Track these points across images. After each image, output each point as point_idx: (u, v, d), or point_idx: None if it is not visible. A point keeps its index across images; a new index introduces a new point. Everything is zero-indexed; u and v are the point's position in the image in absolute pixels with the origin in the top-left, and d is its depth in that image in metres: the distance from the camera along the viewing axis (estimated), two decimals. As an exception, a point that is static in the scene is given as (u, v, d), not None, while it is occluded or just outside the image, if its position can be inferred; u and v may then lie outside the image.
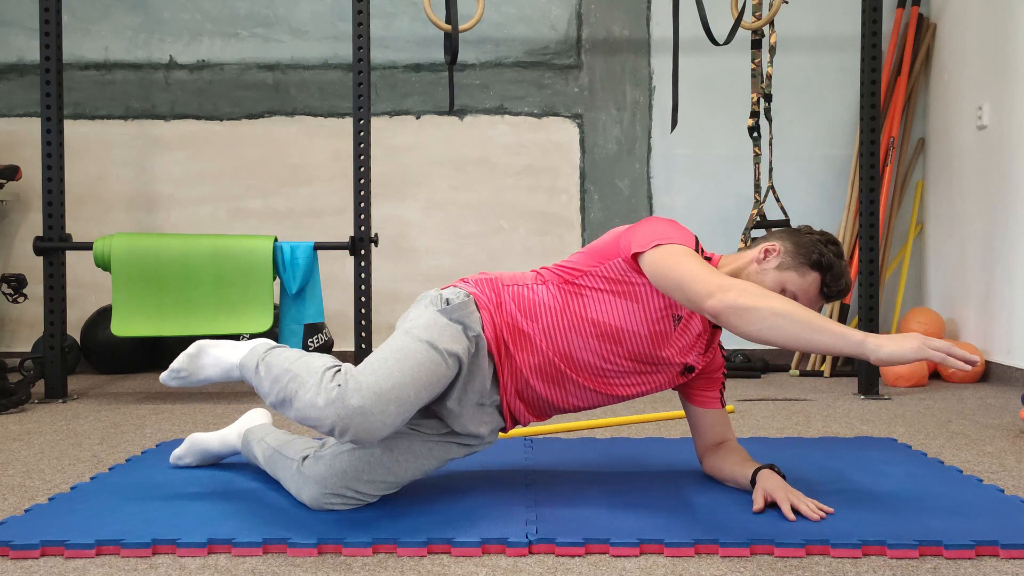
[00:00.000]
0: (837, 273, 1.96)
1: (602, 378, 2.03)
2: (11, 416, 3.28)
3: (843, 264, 1.98)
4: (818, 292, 1.98)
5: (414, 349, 1.85)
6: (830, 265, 1.96)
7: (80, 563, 1.68)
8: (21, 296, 4.49)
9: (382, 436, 1.80)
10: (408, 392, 1.79)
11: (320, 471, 1.92)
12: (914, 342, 1.65)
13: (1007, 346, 4.03)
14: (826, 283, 1.97)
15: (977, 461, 2.51)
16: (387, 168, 4.75)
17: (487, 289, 2.02)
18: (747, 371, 4.40)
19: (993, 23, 4.14)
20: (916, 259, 4.84)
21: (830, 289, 1.97)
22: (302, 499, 1.95)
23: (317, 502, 1.93)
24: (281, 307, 3.70)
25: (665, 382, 2.10)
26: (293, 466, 1.99)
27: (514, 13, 4.79)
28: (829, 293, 1.98)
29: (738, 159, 4.68)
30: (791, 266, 1.97)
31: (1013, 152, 3.97)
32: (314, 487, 1.92)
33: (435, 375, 1.84)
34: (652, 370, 2.06)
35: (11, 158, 4.74)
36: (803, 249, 1.98)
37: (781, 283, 1.96)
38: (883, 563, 1.67)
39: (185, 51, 4.80)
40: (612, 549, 1.72)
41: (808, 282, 1.96)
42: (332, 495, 1.92)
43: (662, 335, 2.00)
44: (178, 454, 2.34)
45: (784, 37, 4.45)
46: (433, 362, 1.84)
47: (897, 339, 1.66)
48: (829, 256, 1.96)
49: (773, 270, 1.97)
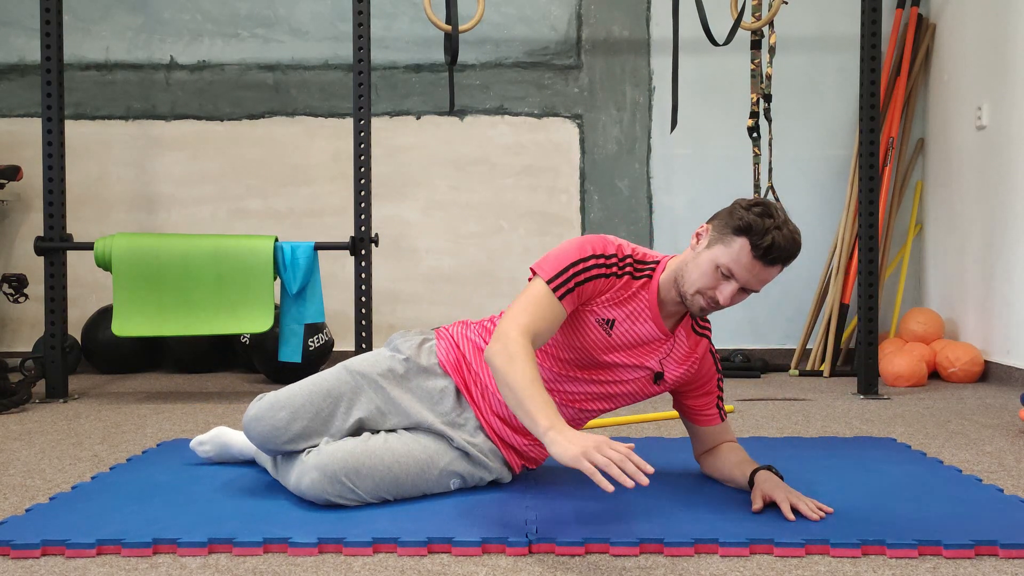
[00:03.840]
0: (760, 231, 1.84)
1: (564, 393, 2.07)
2: (12, 416, 3.28)
3: (769, 222, 1.85)
4: (751, 258, 1.86)
5: (327, 372, 2.11)
6: (749, 226, 1.86)
7: (81, 563, 1.68)
8: (22, 296, 4.49)
9: (282, 438, 2.01)
10: (301, 401, 2.03)
11: (322, 459, 1.95)
12: (577, 451, 1.64)
13: (1006, 346, 4.03)
14: (754, 245, 1.85)
15: (976, 461, 2.51)
16: (387, 168, 4.76)
17: (453, 326, 2.19)
18: (747, 371, 4.40)
19: (993, 23, 4.15)
20: (915, 259, 4.84)
21: (759, 250, 1.85)
22: (302, 488, 1.96)
23: (315, 488, 1.94)
24: (281, 307, 3.71)
25: (637, 391, 2.10)
26: (298, 460, 2.02)
27: (514, 14, 4.79)
28: (761, 255, 1.86)
29: (738, 159, 4.68)
30: (717, 240, 1.91)
31: (1012, 152, 3.97)
32: (315, 472, 1.94)
33: (337, 387, 2.06)
34: (611, 379, 2.07)
35: (12, 158, 4.74)
36: (725, 220, 1.91)
37: (713, 260, 1.90)
38: (883, 563, 1.67)
39: (186, 51, 4.80)
40: (612, 549, 1.72)
41: (736, 250, 1.87)
42: (331, 482, 1.93)
43: (595, 343, 2.02)
44: (201, 439, 2.36)
45: (784, 37, 4.45)
46: (338, 378, 2.08)
47: (572, 441, 1.66)
48: (749, 218, 1.86)
49: (704, 251, 1.93)
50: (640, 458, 1.65)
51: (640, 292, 2.01)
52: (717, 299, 1.92)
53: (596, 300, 2.00)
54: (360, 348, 3.64)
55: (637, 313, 2.01)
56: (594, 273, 1.97)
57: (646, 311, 2.02)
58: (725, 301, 1.92)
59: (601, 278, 1.98)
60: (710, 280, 1.92)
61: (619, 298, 2.01)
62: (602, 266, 1.98)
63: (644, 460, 1.66)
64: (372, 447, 1.98)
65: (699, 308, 1.97)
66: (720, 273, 1.91)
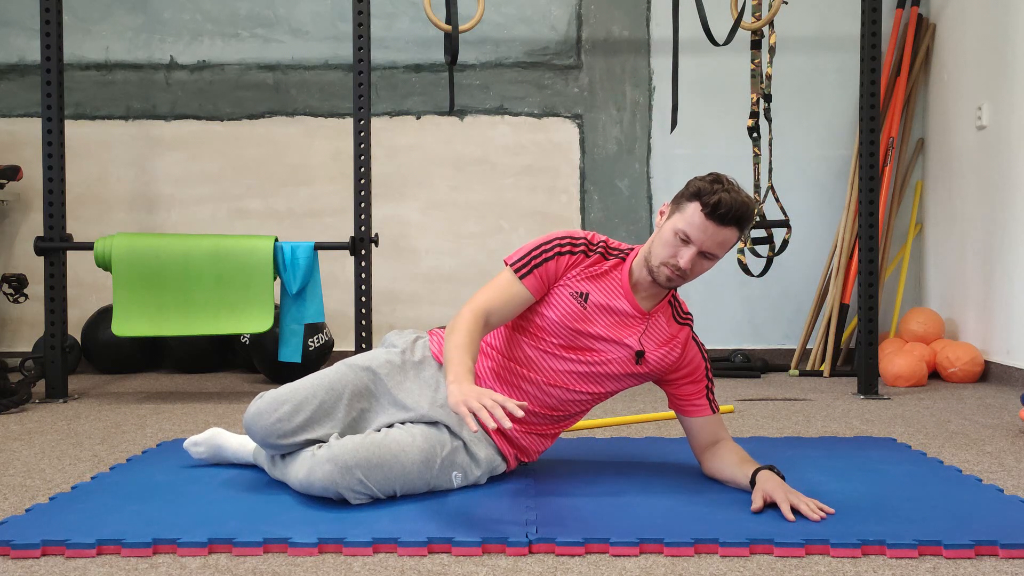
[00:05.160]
0: (709, 192, 1.98)
1: (551, 372, 2.14)
2: (12, 416, 3.28)
3: (717, 187, 1.99)
4: (703, 218, 1.98)
5: (330, 368, 2.16)
6: (699, 190, 2.00)
7: (81, 563, 1.68)
8: (22, 296, 4.49)
9: (285, 430, 2.04)
10: (304, 395, 2.07)
11: (334, 452, 1.97)
12: (459, 397, 1.80)
13: (1006, 346, 4.03)
14: (704, 205, 1.98)
15: (976, 461, 2.51)
16: (387, 168, 4.76)
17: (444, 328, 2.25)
18: (747, 371, 4.40)
19: (993, 23, 4.15)
20: (915, 259, 4.84)
21: (708, 208, 1.97)
22: (313, 481, 1.96)
23: (327, 481, 1.95)
24: (281, 307, 3.71)
25: (621, 372, 2.15)
26: (306, 455, 2.03)
27: (514, 14, 4.79)
28: (710, 212, 1.97)
29: (738, 159, 4.68)
30: (675, 210, 2.05)
31: (1012, 152, 3.97)
32: (328, 465, 1.95)
33: (339, 380, 2.11)
34: (594, 359, 2.13)
35: (12, 158, 4.74)
36: (681, 192, 2.06)
37: (673, 230, 2.02)
38: (883, 563, 1.67)
39: (186, 51, 4.80)
40: (612, 549, 1.72)
41: (690, 213, 2.00)
42: (344, 474, 1.94)
43: (571, 314, 2.11)
44: (196, 440, 2.35)
45: (784, 37, 4.45)
46: (339, 372, 2.13)
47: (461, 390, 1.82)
48: (699, 184, 2.01)
49: (665, 224, 2.07)
50: (513, 407, 1.77)
51: (612, 271, 2.15)
52: (679, 264, 2.02)
53: (568, 275, 2.13)
54: (360, 348, 3.64)
55: (610, 289, 2.13)
56: (556, 251, 2.11)
57: (618, 288, 2.13)
58: (685, 264, 2.02)
59: (567, 255, 2.12)
60: (671, 248, 2.04)
61: (591, 274, 2.13)
62: (567, 246, 2.13)
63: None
64: (378, 439, 2.01)
65: (666, 278, 2.07)
66: (679, 239, 2.02)
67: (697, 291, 4.79)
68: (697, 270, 2.06)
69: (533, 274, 2.10)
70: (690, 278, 2.07)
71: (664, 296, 2.17)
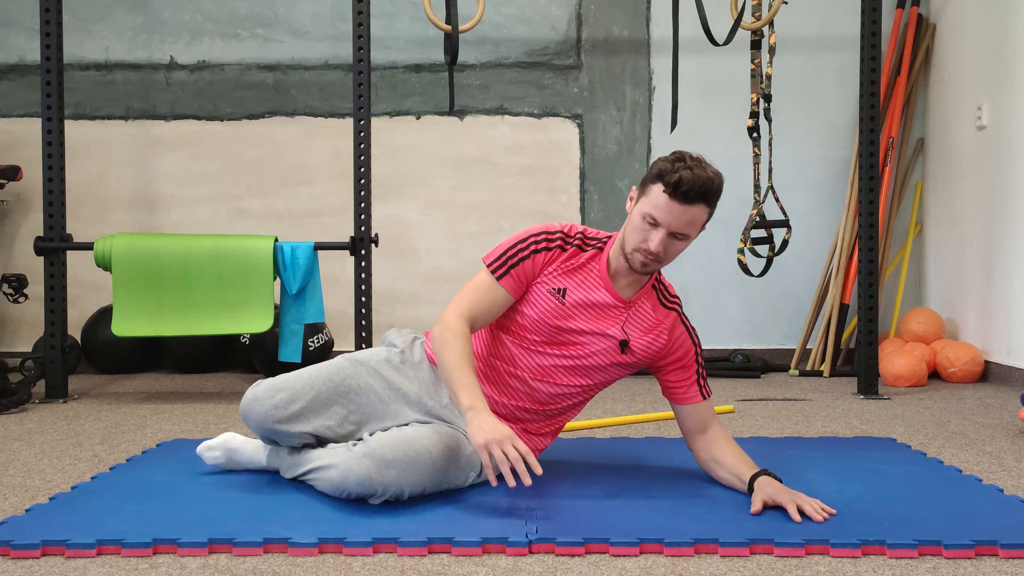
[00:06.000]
0: (670, 171, 1.96)
1: (537, 368, 2.14)
2: (12, 416, 3.28)
3: (679, 164, 1.97)
4: (667, 199, 1.96)
5: (330, 361, 2.18)
6: (660, 171, 1.98)
7: (81, 563, 1.68)
8: (22, 296, 4.49)
9: (280, 416, 2.06)
10: (302, 384, 2.09)
11: (371, 447, 1.96)
12: (484, 439, 1.84)
13: (1006, 346, 4.03)
14: (667, 185, 1.96)
15: (976, 461, 2.51)
16: (387, 168, 4.76)
17: None
18: (747, 371, 4.40)
19: (993, 23, 4.15)
20: (915, 259, 4.84)
21: (670, 187, 1.95)
22: (348, 480, 1.95)
23: (363, 478, 1.93)
24: (281, 307, 3.71)
25: (608, 363, 2.14)
26: (339, 450, 2.02)
27: (514, 14, 4.79)
28: (673, 191, 1.95)
29: (738, 159, 4.68)
30: (641, 194, 2.04)
31: (1012, 152, 3.97)
32: (367, 461, 1.94)
33: (337, 373, 2.13)
34: (578, 353, 2.13)
35: (12, 158, 4.74)
36: (645, 176, 2.05)
37: (641, 214, 2.01)
38: (883, 563, 1.67)
39: (186, 51, 4.80)
40: (612, 549, 1.72)
41: (654, 195, 1.98)
42: (382, 470, 1.93)
43: (551, 312, 2.11)
44: (210, 445, 2.28)
45: (784, 37, 4.45)
46: (338, 366, 2.16)
47: (483, 427, 1.86)
48: (660, 165, 1.99)
49: (634, 209, 2.05)
50: (534, 461, 1.83)
51: (590, 262, 2.13)
52: (651, 249, 2.00)
53: (544, 273, 2.12)
54: (360, 348, 3.64)
55: (588, 282, 2.12)
56: (532, 249, 2.11)
57: (597, 280, 2.12)
58: (657, 248, 2.00)
59: (542, 251, 2.11)
60: (641, 233, 2.02)
61: (568, 268, 2.12)
62: (542, 242, 2.12)
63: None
64: (409, 434, 2.02)
65: (641, 264, 2.05)
66: (647, 223, 2.01)
67: (697, 291, 4.79)
68: (671, 252, 2.03)
69: (510, 274, 2.10)
70: (666, 261, 2.05)
71: (646, 282, 2.15)
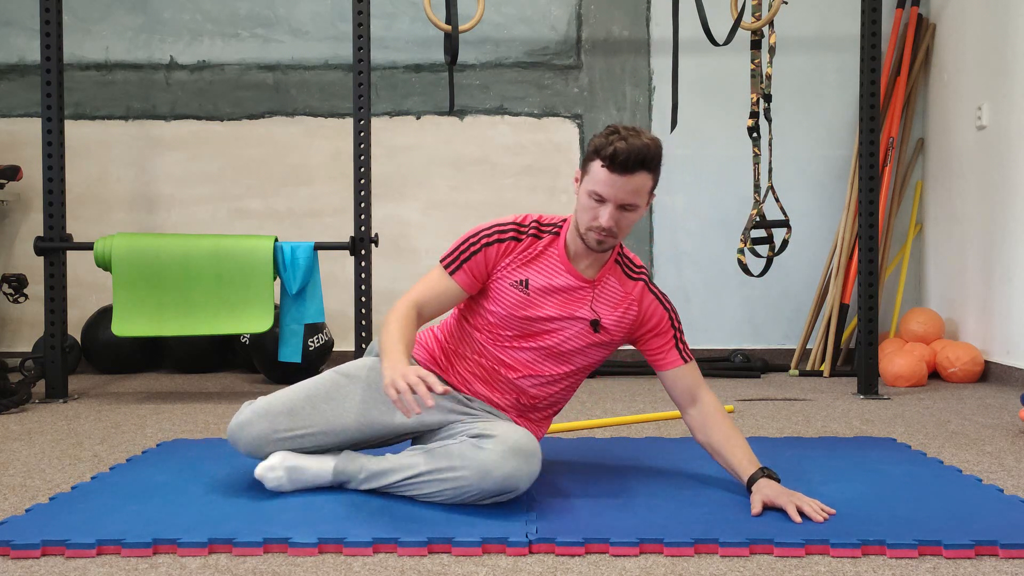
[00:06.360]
0: (605, 145, 1.96)
1: (517, 364, 2.14)
2: (12, 416, 3.28)
3: (613, 137, 1.96)
4: (607, 172, 1.96)
5: (321, 376, 2.19)
6: (596, 147, 1.98)
7: (81, 563, 1.68)
8: (22, 296, 4.49)
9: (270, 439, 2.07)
10: (296, 402, 2.10)
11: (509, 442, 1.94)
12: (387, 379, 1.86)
13: (1006, 346, 4.03)
14: (604, 158, 1.96)
15: (976, 461, 2.51)
16: (387, 168, 4.76)
17: (425, 332, 2.30)
18: (747, 371, 4.40)
19: (993, 23, 4.15)
20: (915, 259, 4.84)
21: (607, 160, 1.95)
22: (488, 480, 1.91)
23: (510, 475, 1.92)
24: (281, 307, 3.71)
25: (583, 346, 2.14)
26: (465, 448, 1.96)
27: (514, 14, 4.79)
28: (610, 163, 1.95)
29: (738, 159, 4.68)
30: (583, 173, 2.04)
31: (1012, 152, 3.97)
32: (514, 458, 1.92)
33: (331, 388, 2.13)
34: (552, 342, 2.13)
35: (12, 158, 4.74)
36: (584, 155, 2.06)
37: (586, 192, 2.01)
38: (883, 563, 1.67)
39: (185, 51, 4.80)
40: (612, 549, 1.72)
41: (595, 171, 1.99)
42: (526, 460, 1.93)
43: (517, 304, 2.11)
44: (271, 465, 2.08)
45: (784, 37, 4.45)
46: (330, 380, 2.16)
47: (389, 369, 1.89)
48: (596, 141, 1.99)
49: (580, 189, 2.05)
50: (435, 382, 1.82)
51: (548, 249, 2.13)
52: (602, 225, 2.00)
53: (502, 266, 2.13)
54: (360, 348, 3.64)
55: (549, 268, 2.12)
56: (483, 243, 2.12)
57: (558, 264, 2.12)
58: (607, 223, 2.00)
59: (494, 244, 2.12)
60: (590, 211, 2.02)
61: (526, 258, 2.13)
62: (493, 235, 2.13)
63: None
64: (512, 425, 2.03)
65: (596, 242, 2.05)
66: (593, 200, 2.01)
67: (697, 291, 4.79)
68: (623, 225, 2.03)
69: (462, 269, 2.12)
70: (621, 235, 2.05)
71: (608, 258, 2.14)
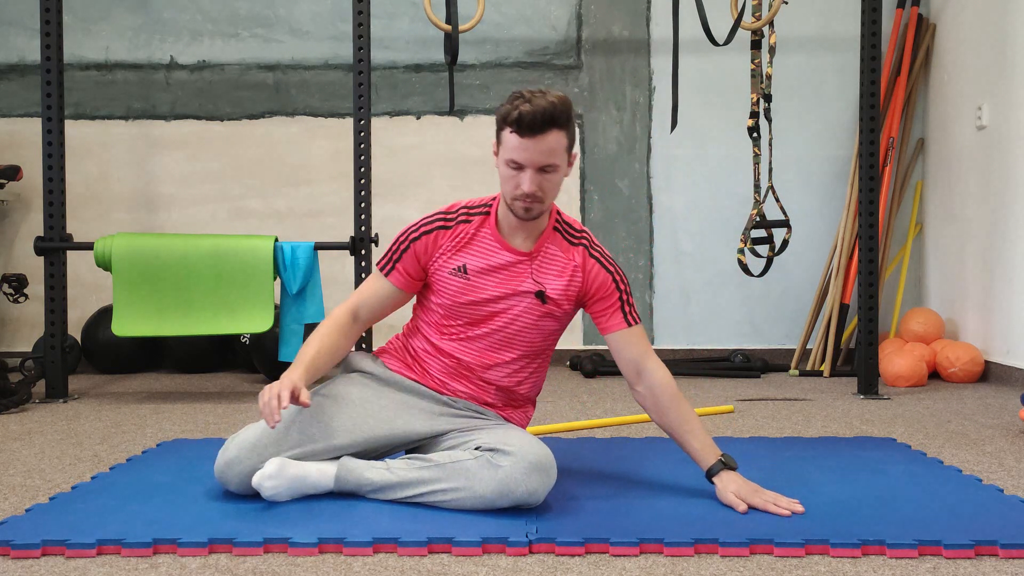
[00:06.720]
0: (510, 110, 1.97)
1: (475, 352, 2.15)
2: (12, 416, 3.28)
3: (517, 102, 1.97)
4: (517, 138, 1.97)
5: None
6: (503, 114, 1.99)
7: (81, 563, 1.68)
8: (22, 296, 4.49)
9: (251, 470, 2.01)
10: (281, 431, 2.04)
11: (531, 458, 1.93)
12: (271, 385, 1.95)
13: (1006, 346, 4.03)
14: (511, 124, 1.97)
15: (977, 461, 2.51)
16: (387, 168, 4.76)
17: (389, 342, 2.30)
18: (747, 371, 4.40)
19: (993, 23, 4.15)
20: (916, 259, 4.84)
21: (515, 125, 1.96)
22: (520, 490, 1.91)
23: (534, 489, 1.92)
24: (281, 307, 3.71)
25: (535, 322, 2.13)
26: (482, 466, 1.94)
27: (514, 13, 4.79)
28: (518, 128, 1.96)
29: (738, 159, 4.68)
30: (498, 144, 2.05)
31: (1013, 152, 3.97)
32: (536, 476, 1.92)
33: (315, 410, 2.09)
34: (502, 323, 2.13)
35: (12, 158, 4.74)
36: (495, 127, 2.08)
37: (503, 161, 2.02)
38: (883, 563, 1.67)
39: (186, 51, 4.80)
40: (612, 549, 1.72)
41: (507, 139, 1.99)
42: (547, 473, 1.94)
43: (460, 290, 2.12)
44: (269, 473, 1.99)
45: (784, 37, 4.45)
46: (316, 403, 2.10)
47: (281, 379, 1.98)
48: (502, 109, 2.00)
49: (498, 161, 2.06)
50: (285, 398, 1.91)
51: (480, 230, 2.14)
52: (525, 191, 2.00)
53: (437, 256, 2.13)
54: (359, 348, 3.64)
55: (484, 249, 2.12)
56: (411, 239, 2.14)
57: (493, 243, 2.12)
58: (529, 188, 1.99)
59: (422, 237, 2.14)
60: (511, 180, 2.02)
61: (459, 244, 2.13)
62: (419, 229, 2.15)
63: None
64: (526, 434, 2.05)
65: (523, 210, 2.04)
66: (511, 168, 2.01)
67: (697, 291, 4.79)
68: (547, 188, 2.02)
69: (396, 269, 2.15)
70: (548, 198, 2.04)
71: (544, 227, 2.13)
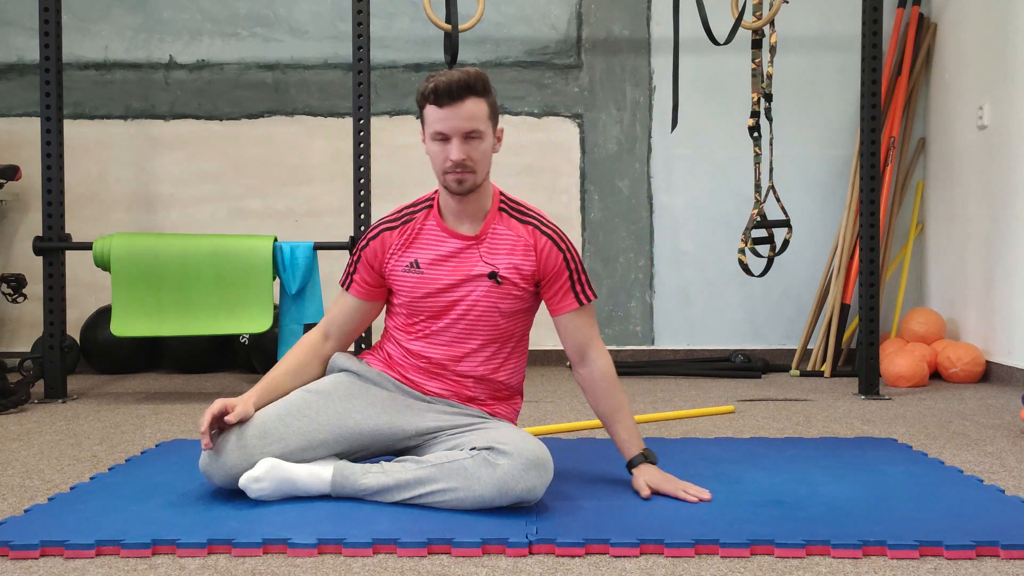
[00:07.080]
0: (426, 86, 2.02)
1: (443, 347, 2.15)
2: (11, 416, 3.28)
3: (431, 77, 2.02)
4: (436, 109, 2.01)
5: (289, 396, 2.15)
6: (420, 93, 2.04)
7: (80, 563, 1.68)
8: (21, 296, 4.49)
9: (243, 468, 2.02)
10: (268, 423, 2.06)
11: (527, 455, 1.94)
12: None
13: (1007, 346, 4.03)
14: (429, 99, 2.02)
15: (978, 461, 2.51)
16: (387, 168, 4.75)
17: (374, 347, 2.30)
18: (748, 371, 4.39)
19: (993, 23, 4.14)
20: (916, 259, 4.83)
21: (431, 98, 2.02)
22: (519, 488, 1.91)
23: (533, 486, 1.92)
24: (281, 307, 3.70)
25: (493, 304, 2.13)
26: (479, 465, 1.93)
27: (514, 13, 4.79)
28: (435, 100, 2.01)
29: (738, 159, 4.68)
30: (422, 126, 2.09)
31: (1013, 152, 3.96)
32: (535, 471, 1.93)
33: (302, 405, 2.11)
34: (461, 311, 2.13)
35: (11, 158, 4.74)
36: None
37: (429, 138, 2.06)
38: (883, 563, 1.67)
39: (185, 51, 4.80)
40: (612, 549, 1.72)
41: (428, 114, 2.04)
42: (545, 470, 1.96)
43: (416, 286, 2.14)
44: (256, 476, 2.00)
45: (784, 37, 4.45)
46: (300, 398, 2.13)
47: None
48: (419, 88, 2.05)
49: (426, 143, 2.09)
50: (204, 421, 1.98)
51: (425, 223, 2.17)
52: (454, 160, 2.03)
53: (388, 258, 2.16)
54: (359, 348, 3.63)
55: (432, 240, 2.15)
56: (360, 253, 2.19)
57: (439, 233, 2.15)
58: (457, 156, 2.02)
59: (368, 244, 2.18)
60: (440, 154, 2.05)
61: (407, 241, 2.16)
62: (367, 236, 2.19)
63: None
64: (521, 432, 2.06)
65: (456, 182, 2.06)
66: (438, 142, 2.05)
67: (697, 291, 4.79)
68: (476, 156, 2.04)
69: (354, 281, 2.21)
70: (479, 168, 2.06)
71: (487, 209, 2.14)
